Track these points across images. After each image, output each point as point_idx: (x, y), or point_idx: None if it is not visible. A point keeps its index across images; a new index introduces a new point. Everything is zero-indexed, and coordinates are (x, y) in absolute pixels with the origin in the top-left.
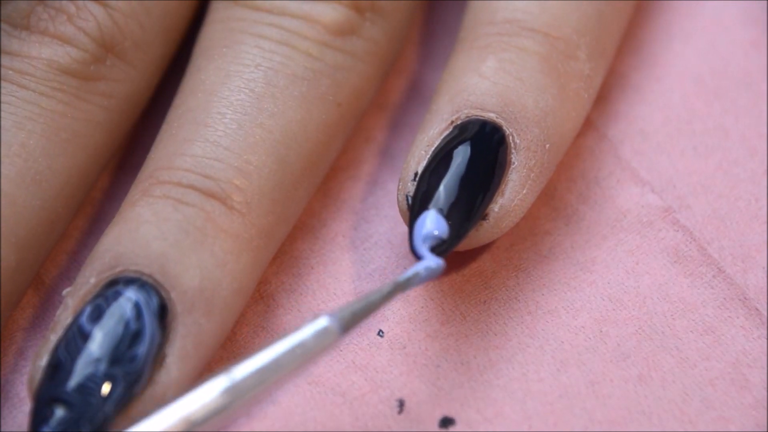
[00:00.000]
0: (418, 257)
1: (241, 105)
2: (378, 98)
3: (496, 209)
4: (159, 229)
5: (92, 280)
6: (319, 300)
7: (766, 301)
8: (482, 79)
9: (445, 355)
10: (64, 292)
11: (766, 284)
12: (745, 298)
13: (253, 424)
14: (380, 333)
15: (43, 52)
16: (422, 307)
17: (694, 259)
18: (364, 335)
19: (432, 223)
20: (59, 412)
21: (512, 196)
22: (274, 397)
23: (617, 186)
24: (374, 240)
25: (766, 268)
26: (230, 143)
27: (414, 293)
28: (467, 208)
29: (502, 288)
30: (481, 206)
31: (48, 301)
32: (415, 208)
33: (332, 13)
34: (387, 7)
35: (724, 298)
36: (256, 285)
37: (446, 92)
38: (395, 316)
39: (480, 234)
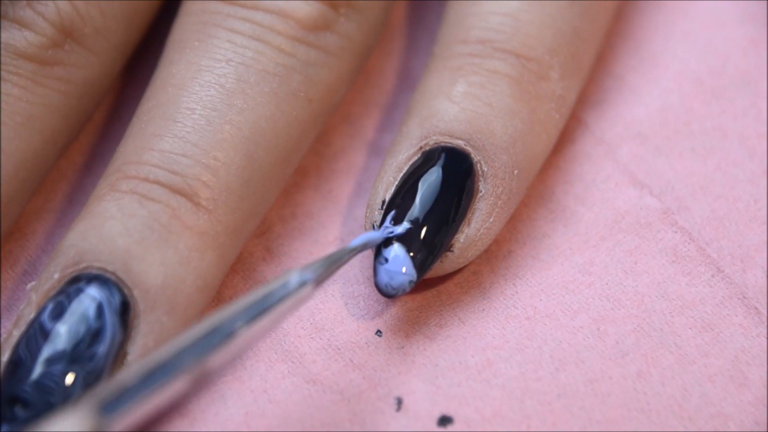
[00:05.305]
0: (384, 294)
1: (211, 101)
2: (376, 98)
3: (461, 239)
4: (124, 225)
5: (56, 276)
6: (316, 300)
7: (765, 300)
8: (452, 104)
9: (443, 355)
10: (29, 287)
11: (765, 284)
12: (744, 297)
13: (251, 423)
14: (378, 333)
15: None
16: (420, 313)
17: (693, 259)
18: (361, 334)
19: (407, 267)
20: (18, 411)
21: (478, 225)
22: (272, 396)
23: (615, 189)
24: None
25: (765, 268)
26: (198, 139)
27: (412, 302)
28: (432, 242)
29: (500, 297)
30: (446, 239)
31: (15, 294)
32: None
33: (306, 9)
34: (362, 3)
35: (723, 297)
36: (254, 283)
37: (417, 114)
38: (392, 319)
39: (445, 265)
